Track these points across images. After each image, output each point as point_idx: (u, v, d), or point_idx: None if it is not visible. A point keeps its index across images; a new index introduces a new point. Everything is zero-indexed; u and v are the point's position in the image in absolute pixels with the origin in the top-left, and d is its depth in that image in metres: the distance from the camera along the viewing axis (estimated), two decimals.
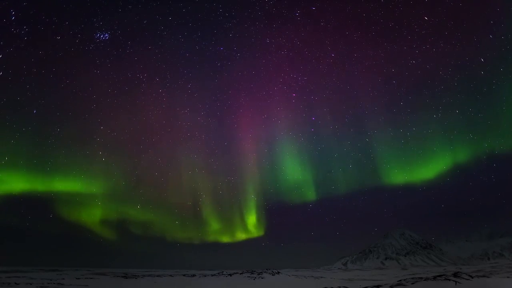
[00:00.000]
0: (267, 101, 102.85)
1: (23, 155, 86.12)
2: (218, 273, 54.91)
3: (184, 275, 56.10)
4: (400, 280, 27.80)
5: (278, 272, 52.22)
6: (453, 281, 22.13)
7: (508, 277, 29.45)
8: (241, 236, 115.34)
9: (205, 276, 51.56)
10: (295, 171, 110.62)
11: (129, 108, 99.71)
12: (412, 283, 24.14)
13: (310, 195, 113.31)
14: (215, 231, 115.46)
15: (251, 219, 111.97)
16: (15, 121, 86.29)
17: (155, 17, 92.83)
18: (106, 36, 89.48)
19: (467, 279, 23.08)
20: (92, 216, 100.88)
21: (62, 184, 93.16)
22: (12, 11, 76.85)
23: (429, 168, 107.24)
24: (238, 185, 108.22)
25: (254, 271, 53.71)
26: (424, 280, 25.24)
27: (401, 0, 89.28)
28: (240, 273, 51.57)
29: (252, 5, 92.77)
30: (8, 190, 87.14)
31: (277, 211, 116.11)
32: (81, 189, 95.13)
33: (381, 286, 28.30)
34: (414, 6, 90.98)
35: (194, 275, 53.48)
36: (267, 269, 56.66)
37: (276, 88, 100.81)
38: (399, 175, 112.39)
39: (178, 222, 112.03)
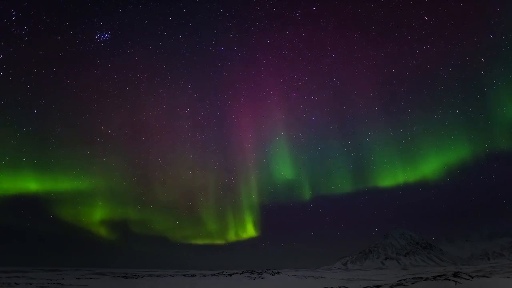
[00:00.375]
0: (267, 101, 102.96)
1: (23, 155, 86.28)
2: (218, 273, 54.90)
3: (184, 275, 56.09)
4: (400, 280, 27.82)
5: (278, 272, 52.22)
6: (453, 281, 22.14)
7: (508, 277, 29.43)
8: (241, 236, 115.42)
9: (205, 276, 51.54)
10: (295, 171, 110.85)
11: (129, 108, 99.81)
12: (412, 283, 24.15)
13: (310, 195, 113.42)
14: (215, 231, 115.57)
15: (251, 219, 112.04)
16: (15, 121, 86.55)
17: (155, 17, 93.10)
18: (107, 36, 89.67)
19: (467, 279, 23.09)
20: (92, 216, 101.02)
21: (63, 184, 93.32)
22: (13, 11, 77.01)
23: (430, 168, 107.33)
24: (238, 185, 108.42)
25: (254, 271, 53.71)
26: (424, 280, 25.26)
27: (401, 0, 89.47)
28: (240, 273, 51.56)
29: (253, 5, 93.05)
30: (8, 190, 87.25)
31: (277, 211, 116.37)
32: (81, 189, 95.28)
33: (381, 286, 28.30)
34: (414, 6, 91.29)
35: (194, 275, 53.47)
36: (267, 269, 56.68)
37: (276, 88, 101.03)
38: (399, 175, 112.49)
39: (178, 222, 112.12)
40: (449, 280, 22.77)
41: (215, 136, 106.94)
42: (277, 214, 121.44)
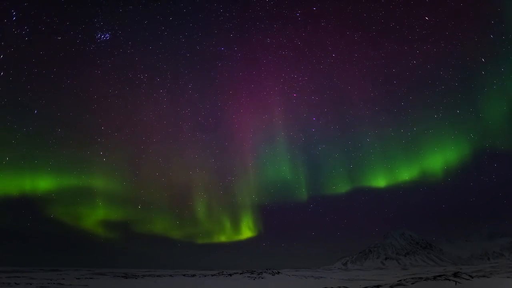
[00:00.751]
0: (267, 101, 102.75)
1: (23, 155, 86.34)
2: (218, 273, 54.94)
3: (184, 275, 56.11)
4: (400, 280, 27.84)
5: (278, 272, 52.25)
6: (453, 281, 22.15)
7: (508, 277, 29.43)
8: (241, 236, 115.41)
9: (205, 276, 51.55)
10: (295, 171, 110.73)
11: (129, 108, 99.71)
12: (412, 283, 24.17)
13: (310, 195, 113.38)
14: (215, 231, 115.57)
15: (251, 219, 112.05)
16: (15, 122, 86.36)
17: (156, 17, 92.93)
18: (107, 36, 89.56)
19: (467, 279, 23.11)
20: (93, 216, 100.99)
21: (63, 184, 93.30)
22: (13, 11, 76.94)
23: (430, 168, 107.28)
24: (238, 185, 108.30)
25: (254, 271, 53.76)
26: (424, 280, 25.28)
27: (401, 0, 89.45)
28: (240, 273, 51.60)
29: (253, 5, 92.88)
30: (9, 191, 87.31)
31: (277, 211, 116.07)
32: (81, 189, 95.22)
33: (381, 286, 28.30)
34: (414, 6, 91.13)
35: (194, 275, 53.49)
36: (267, 269, 56.73)
37: (276, 88, 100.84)
38: (399, 175, 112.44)
39: (178, 222, 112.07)
40: (449, 280, 22.79)
41: (215, 136, 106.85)
42: (277, 214, 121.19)
